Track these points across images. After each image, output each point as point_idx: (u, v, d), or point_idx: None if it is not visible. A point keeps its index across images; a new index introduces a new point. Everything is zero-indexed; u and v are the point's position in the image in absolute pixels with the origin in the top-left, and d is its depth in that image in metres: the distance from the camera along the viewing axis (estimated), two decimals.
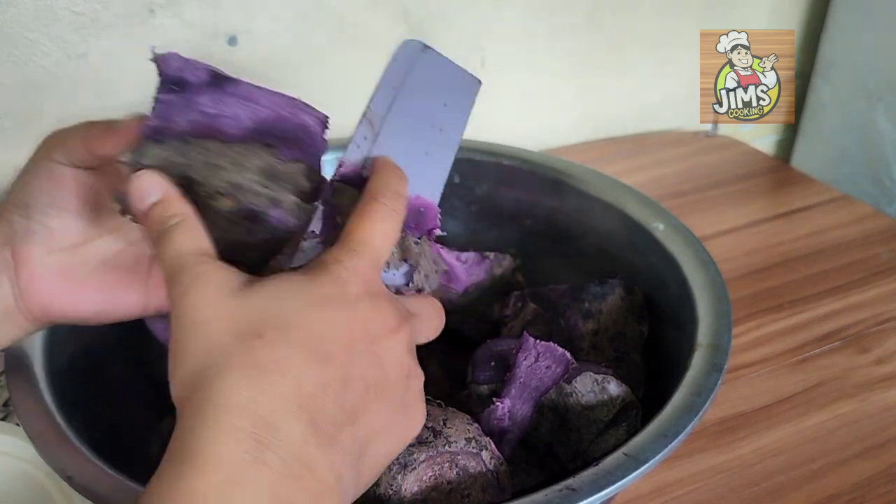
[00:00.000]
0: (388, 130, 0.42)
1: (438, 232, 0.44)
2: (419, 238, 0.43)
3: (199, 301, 0.32)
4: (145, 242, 0.43)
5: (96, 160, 0.40)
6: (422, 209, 0.43)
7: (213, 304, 0.32)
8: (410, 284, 0.41)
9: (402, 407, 0.35)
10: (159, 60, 0.39)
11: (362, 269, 0.34)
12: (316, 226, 0.38)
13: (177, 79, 0.39)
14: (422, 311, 0.39)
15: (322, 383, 0.31)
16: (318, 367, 0.31)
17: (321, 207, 0.39)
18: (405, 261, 0.41)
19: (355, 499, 0.33)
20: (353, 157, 0.41)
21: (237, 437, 0.28)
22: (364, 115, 0.42)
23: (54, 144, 0.40)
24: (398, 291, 0.40)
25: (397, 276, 0.41)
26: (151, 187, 0.36)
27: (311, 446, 0.30)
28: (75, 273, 0.41)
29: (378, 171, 0.39)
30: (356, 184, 0.40)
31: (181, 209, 0.36)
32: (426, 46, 0.45)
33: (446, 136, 0.45)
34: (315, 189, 0.40)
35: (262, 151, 0.38)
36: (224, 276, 0.33)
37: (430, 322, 0.40)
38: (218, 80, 0.38)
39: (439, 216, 0.44)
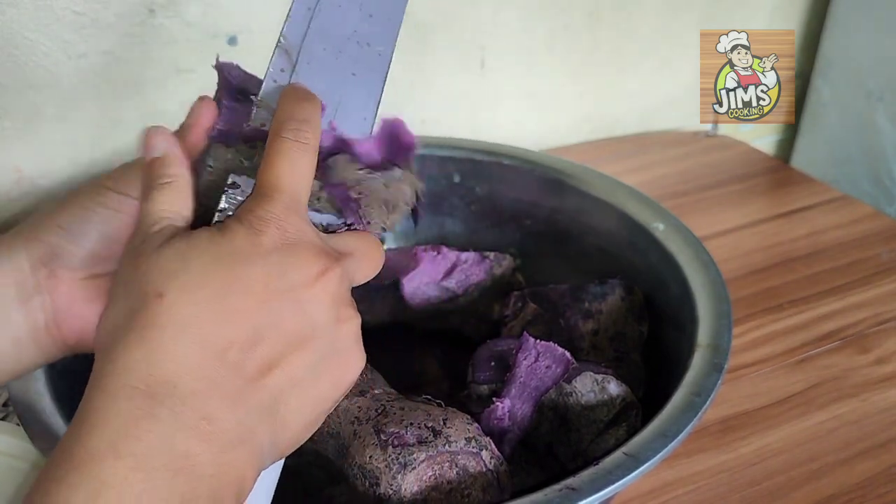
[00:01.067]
0: (306, 56, 0.39)
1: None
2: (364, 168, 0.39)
3: (127, 260, 0.33)
4: None
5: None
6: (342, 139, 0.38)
7: (133, 263, 0.33)
8: (341, 221, 0.38)
9: (333, 353, 0.34)
10: (223, 69, 0.40)
11: (275, 213, 0.33)
12: (234, 178, 0.36)
13: (241, 88, 0.39)
14: (356, 248, 0.37)
15: (224, 342, 0.31)
16: (221, 326, 0.31)
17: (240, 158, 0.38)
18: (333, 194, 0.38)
19: (280, 454, 0.33)
20: (273, 93, 0.38)
21: (128, 394, 0.29)
22: (278, 43, 0.39)
23: (117, 177, 0.39)
24: (327, 229, 0.37)
25: (325, 215, 0.38)
26: (158, 143, 0.37)
27: (210, 400, 0.30)
28: None
29: (280, 103, 0.37)
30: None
31: (174, 171, 0.36)
32: None
33: (375, 51, 0.41)
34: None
35: None
36: (158, 237, 0.33)
37: (367, 260, 0.38)
38: None
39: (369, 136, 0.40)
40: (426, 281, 0.63)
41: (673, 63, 1.04)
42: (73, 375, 0.48)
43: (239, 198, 0.36)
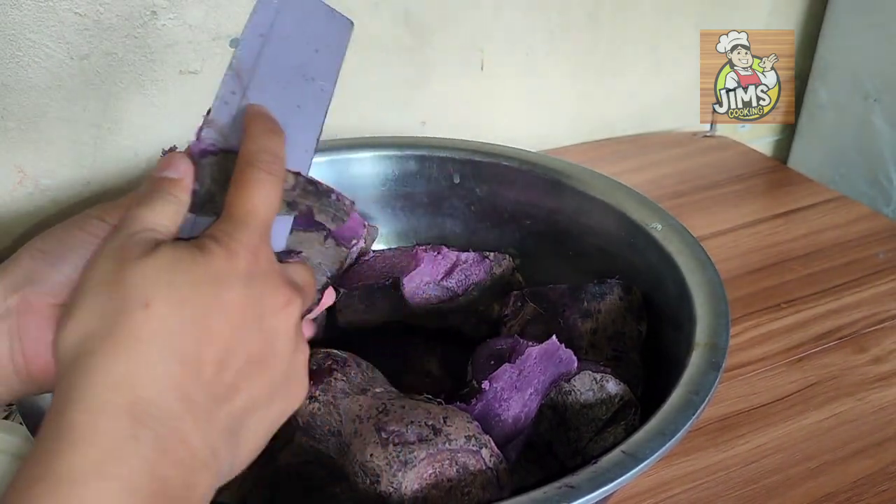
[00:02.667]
0: (257, 83, 0.39)
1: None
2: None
3: (104, 260, 0.32)
4: None
5: None
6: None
7: (112, 265, 0.32)
8: (291, 253, 0.39)
9: (285, 381, 0.35)
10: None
11: (251, 241, 0.34)
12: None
13: None
14: (304, 281, 0.38)
15: (202, 361, 0.31)
16: (201, 345, 0.31)
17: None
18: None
19: (232, 474, 0.33)
20: (222, 115, 0.38)
21: (112, 413, 0.28)
22: (230, 66, 0.39)
23: (95, 207, 0.38)
24: (280, 259, 0.38)
25: (280, 241, 0.39)
26: (181, 167, 0.36)
27: (186, 422, 0.30)
28: None
29: (250, 132, 0.37)
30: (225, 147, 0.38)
31: (181, 195, 0.36)
32: None
33: (318, 85, 0.42)
34: None
35: None
36: (144, 244, 0.33)
37: (311, 292, 0.39)
38: None
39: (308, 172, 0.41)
40: (426, 281, 0.63)
41: (671, 64, 1.04)
42: None
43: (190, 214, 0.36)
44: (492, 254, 0.66)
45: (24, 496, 0.27)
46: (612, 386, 0.50)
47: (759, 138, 1.17)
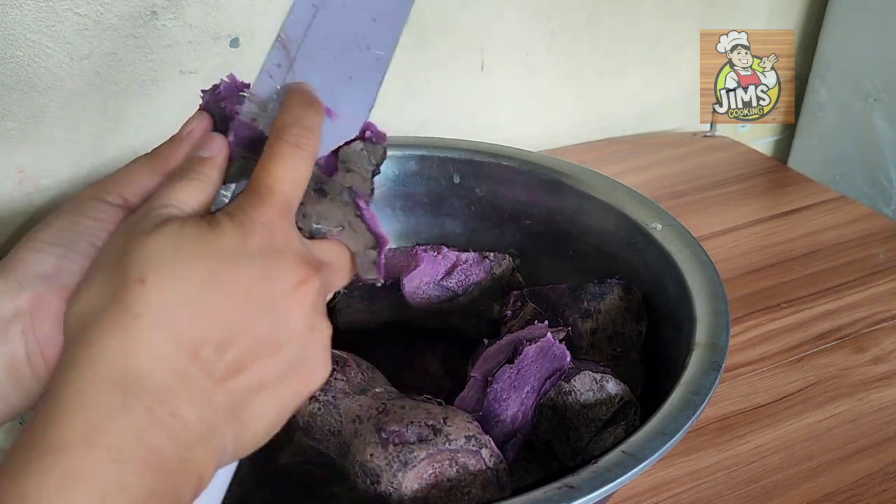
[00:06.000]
0: (305, 54, 0.38)
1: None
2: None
3: (116, 237, 0.32)
4: None
5: (133, 195, 0.37)
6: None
7: (122, 243, 0.32)
8: (323, 228, 0.37)
9: (301, 362, 0.34)
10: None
11: (268, 217, 0.33)
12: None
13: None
14: (333, 258, 0.37)
15: (198, 339, 0.30)
16: (197, 323, 0.30)
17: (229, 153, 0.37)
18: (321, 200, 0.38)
19: (238, 454, 0.33)
20: (265, 88, 0.37)
21: (102, 385, 0.29)
22: (277, 38, 0.38)
23: (103, 185, 0.37)
24: (311, 235, 0.37)
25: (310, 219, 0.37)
26: (214, 146, 0.36)
27: (179, 397, 0.30)
28: None
29: (286, 104, 0.36)
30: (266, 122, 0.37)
31: (210, 173, 0.36)
32: None
33: (373, 55, 0.39)
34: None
35: None
36: (155, 219, 0.33)
37: (342, 271, 0.37)
38: None
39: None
40: (426, 280, 0.63)
41: (671, 64, 1.04)
42: None
43: (223, 191, 0.36)
44: (492, 254, 0.66)
45: (14, 464, 0.28)
46: (612, 386, 0.50)
47: (759, 138, 1.18)
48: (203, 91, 0.39)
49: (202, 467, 0.31)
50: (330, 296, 0.38)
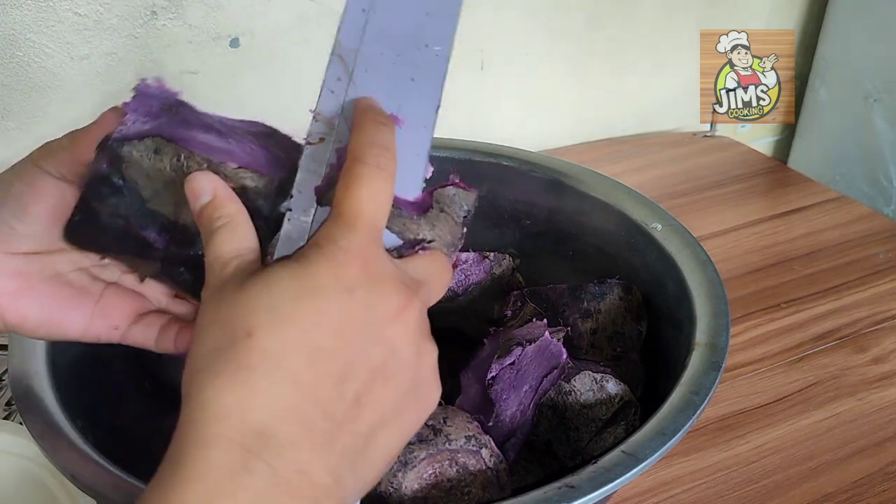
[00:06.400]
0: (363, 63, 0.36)
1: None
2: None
3: (208, 305, 0.32)
4: (101, 269, 0.42)
5: (83, 170, 0.38)
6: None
7: (216, 306, 0.31)
8: (413, 243, 0.36)
9: (415, 387, 0.33)
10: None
11: (359, 244, 0.32)
12: (291, 202, 0.35)
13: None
14: (429, 274, 0.35)
15: (317, 380, 0.30)
16: (313, 363, 0.30)
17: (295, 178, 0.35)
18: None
19: (364, 491, 0.32)
20: (329, 105, 0.36)
21: (224, 445, 0.28)
22: (333, 51, 0.36)
23: (42, 153, 0.38)
24: (400, 254, 0.36)
25: (394, 237, 0.36)
26: (204, 187, 0.36)
27: (304, 451, 0.29)
28: (25, 279, 0.39)
29: (358, 124, 0.35)
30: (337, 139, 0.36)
31: (228, 210, 0.35)
32: None
33: (433, 52, 0.38)
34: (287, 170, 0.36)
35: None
36: (236, 276, 0.32)
37: (439, 282, 0.36)
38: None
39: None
40: None
41: (671, 64, 1.04)
42: (76, 374, 0.48)
43: (301, 217, 0.35)
44: (492, 254, 0.66)
45: None
46: (612, 386, 0.50)
47: (759, 138, 1.18)
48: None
49: None
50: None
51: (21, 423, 0.51)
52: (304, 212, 0.35)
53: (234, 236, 0.34)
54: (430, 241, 0.36)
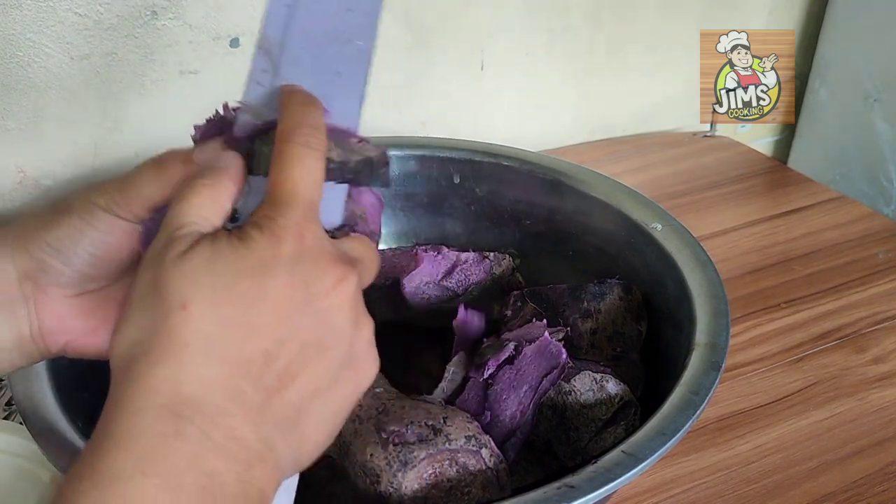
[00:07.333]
0: (288, 56, 0.38)
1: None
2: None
3: (147, 266, 0.32)
4: None
5: (142, 210, 0.38)
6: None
7: (157, 272, 0.32)
8: (345, 227, 0.37)
9: (350, 360, 0.34)
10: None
11: (295, 221, 0.32)
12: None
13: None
14: (362, 254, 0.36)
15: (249, 354, 0.30)
16: (245, 339, 0.30)
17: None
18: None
19: (300, 466, 0.33)
20: (255, 96, 0.37)
21: (156, 411, 0.29)
22: (258, 44, 0.38)
23: (99, 192, 0.38)
24: (333, 235, 0.37)
25: (335, 216, 0.37)
26: (227, 155, 0.36)
27: (236, 417, 0.30)
28: (97, 313, 0.39)
29: (285, 107, 0.36)
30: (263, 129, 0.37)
31: (227, 185, 0.35)
32: None
33: (356, 46, 0.39)
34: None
35: None
36: (183, 242, 0.32)
37: (372, 263, 0.37)
38: None
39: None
40: (426, 281, 0.63)
41: (671, 64, 1.04)
42: (76, 375, 0.48)
43: (249, 199, 0.35)
44: (492, 254, 0.66)
45: (68, 494, 0.27)
46: (612, 386, 0.50)
47: (759, 138, 1.18)
48: (196, 127, 0.39)
49: (263, 485, 0.30)
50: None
51: (21, 423, 0.51)
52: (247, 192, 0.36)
53: (207, 202, 0.34)
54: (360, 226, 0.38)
